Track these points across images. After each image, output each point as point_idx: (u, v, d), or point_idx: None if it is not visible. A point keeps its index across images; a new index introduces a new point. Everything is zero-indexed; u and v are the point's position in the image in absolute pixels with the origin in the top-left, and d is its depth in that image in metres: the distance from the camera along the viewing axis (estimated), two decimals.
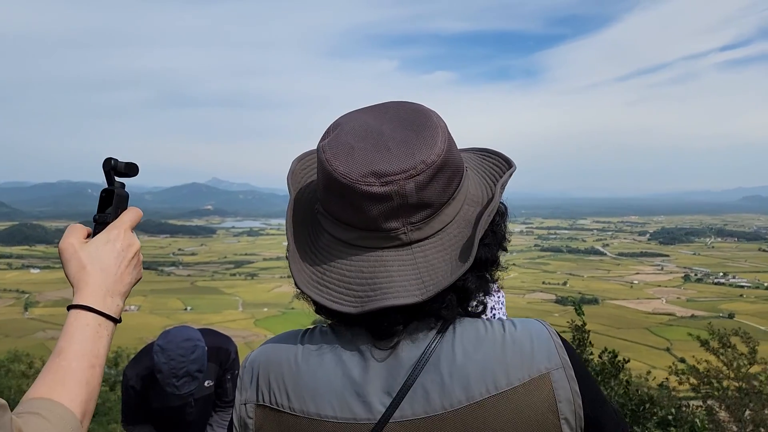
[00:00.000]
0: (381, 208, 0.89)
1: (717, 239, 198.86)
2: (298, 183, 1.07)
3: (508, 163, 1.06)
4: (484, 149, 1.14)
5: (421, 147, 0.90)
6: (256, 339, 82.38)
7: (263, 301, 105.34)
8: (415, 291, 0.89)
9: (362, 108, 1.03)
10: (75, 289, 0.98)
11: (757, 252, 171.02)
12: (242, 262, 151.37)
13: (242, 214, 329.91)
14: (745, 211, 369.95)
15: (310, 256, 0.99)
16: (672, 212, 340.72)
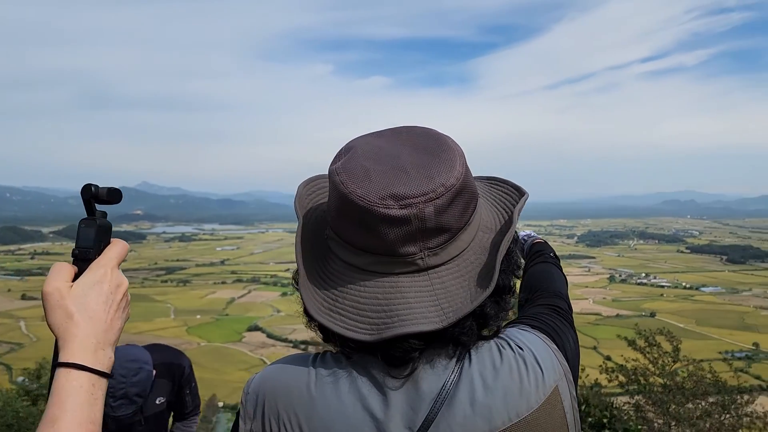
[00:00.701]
0: (399, 231, 0.87)
1: (639, 241, 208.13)
2: (304, 208, 1.05)
3: (518, 191, 1.06)
4: (492, 177, 1.13)
5: (440, 170, 0.89)
6: (189, 347, 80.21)
7: (196, 308, 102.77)
8: (434, 318, 0.87)
9: (373, 132, 1.01)
10: (61, 341, 0.88)
11: (676, 253, 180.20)
12: (174, 269, 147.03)
13: (174, 219, 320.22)
14: (665, 214, 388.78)
15: (321, 283, 0.96)
16: (598, 216, 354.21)
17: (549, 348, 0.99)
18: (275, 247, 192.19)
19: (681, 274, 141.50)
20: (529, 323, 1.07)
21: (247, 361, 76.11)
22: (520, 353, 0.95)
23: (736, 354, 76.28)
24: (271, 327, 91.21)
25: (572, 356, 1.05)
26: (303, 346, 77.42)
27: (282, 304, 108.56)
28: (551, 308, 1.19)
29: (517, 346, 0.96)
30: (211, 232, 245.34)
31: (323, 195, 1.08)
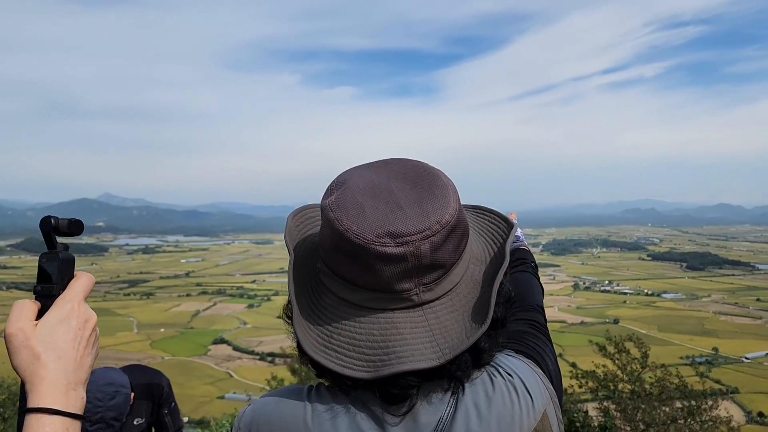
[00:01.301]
0: (395, 269, 0.88)
1: (602, 249, 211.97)
2: (294, 240, 1.04)
3: (506, 222, 1.08)
4: (478, 207, 1.14)
5: (435, 206, 0.90)
6: (153, 361, 78.53)
7: (160, 322, 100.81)
8: (430, 354, 0.87)
9: (363, 165, 1.01)
10: (29, 385, 0.82)
11: (638, 261, 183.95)
12: (137, 281, 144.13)
13: (137, 230, 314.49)
14: (627, 223, 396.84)
15: (314, 318, 0.95)
16: (562, 224, 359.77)
17: (535, 373, 1.01)
18: (241, 258, 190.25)
19: (643, 281, 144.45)
20: (515, 348, 1.09)
21: (212, 374, 74.87)
22: (510, 380, 0.96)
23: (696, 359, 78.10)
24: (237, 340, 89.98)
25: (555, 377, 1.09)
26: (270, 358, 76.63)
27: (248, 316, 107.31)
28: (531, 324, 1.22)
29: (506, 373, 0.98)
30: (176, 243, 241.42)
31: (312, 226, 1.08)
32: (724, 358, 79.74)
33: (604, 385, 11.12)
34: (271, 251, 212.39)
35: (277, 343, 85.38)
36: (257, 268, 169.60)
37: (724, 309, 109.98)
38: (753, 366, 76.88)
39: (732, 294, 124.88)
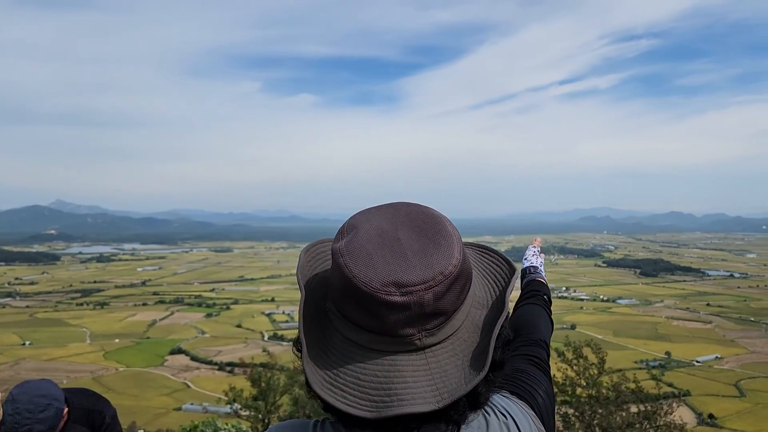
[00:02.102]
0: (399, 316, 0.92)
1: (560, 256, 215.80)
2: (305, 276, 1.08)
3: (508, 265, 1.12)
4: (481, 246, 1.19)
5: (439, 258, 0.94)
6: (107, 373, 76.60)
7: (115, 332, 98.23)
8: (430, 399, 0.91)
9: (372, 208, 1.06)
10: None
11: (594, 267, 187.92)
12: (91, 291, 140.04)
13: (91, 238, 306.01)
14: (583, 230, 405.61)
15: (322, 356, 0.99)
16: (521, 232, 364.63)
17: (527, 414, 1.08)
18: (200, 266, 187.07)
19: (599, 287, 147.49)
20: (509, 389, 1.15)
21: (169, 385, 73.22)
22: (504, 422, 1.03)
23: (650, 363, 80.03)
24: (196, 349, 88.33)
25: (546, 415, 1.17)
26: (229, 368, 75.34)
27: (207, 325, 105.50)
28: (531, 360, 1.29)
29: (501, 413, 1.05)
30: (132, 252, 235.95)
31: (322, 261, 1.12)
32: (676, 362, 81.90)
33: (563, 390, 11.26)
34: (230, 259, 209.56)
35: (236, 353, 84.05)
36: (216, 276, 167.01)
37: (676, 314, 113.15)
38: (703, 369, 79.16)
39: (683, 299, 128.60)
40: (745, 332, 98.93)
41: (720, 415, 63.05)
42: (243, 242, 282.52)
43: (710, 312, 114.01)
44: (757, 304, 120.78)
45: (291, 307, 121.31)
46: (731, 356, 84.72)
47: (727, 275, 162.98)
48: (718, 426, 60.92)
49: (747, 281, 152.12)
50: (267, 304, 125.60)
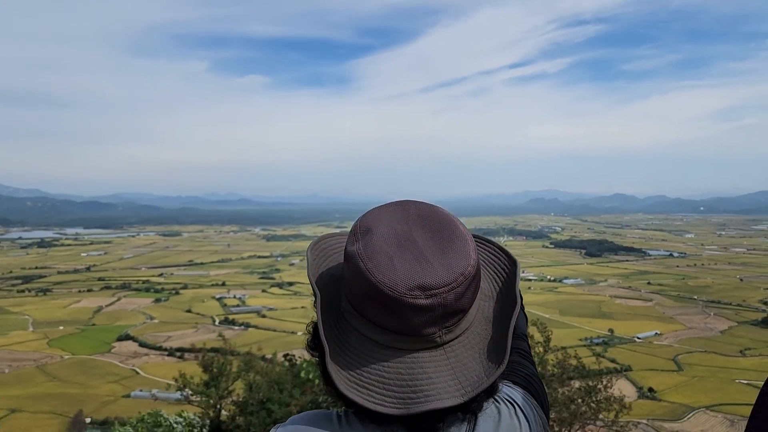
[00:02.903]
0: (423, 317, 0.95)
1: (509, 238, 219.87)
2: (315, 275, 1.09)
3: (508, 257, 1.17)
4: (480, 237, 1.23)
5: (459, 259, 0.98)
6: (51, 361, 74.57)
7: (58, 319, 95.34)
8: (455, 393, 0.96)
9: (381, 207, 1.09)
10: None
11: (542, 248, 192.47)
12: (32, 277, 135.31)
13: (31, 223, 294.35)
14: (532, 212, 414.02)
15: (343, 356, 1.00)
16: (472, 214, 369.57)
17: (530, 403, 1.15)
18: (147, 251, 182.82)
19: (546, 267, 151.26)
20: (511, 379, 1.22)
21: (117, 372, 71.78)
22: (512, 409, 1.10)
23: (594, 340, 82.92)
24: (144, 335, 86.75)
25: (545, 403, 1.24)
26: (179, 354, 74.43)
27: (155, 310, 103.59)
28: (520, 353, 1.37)
29: (508, 402, 1.11)
30: (75, 236, 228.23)
31: (327, 257, 1.14)
32: (618, 339, 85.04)
33: None
34: (179, 243, 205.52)
35: (186, 338, 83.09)
36: (164, 261, 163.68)
37: (619, 293, 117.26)
38: (644, 345, 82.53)
39: (626, 278, 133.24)
40: (683, 309, 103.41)
41: (659, 388, 65.95)
42: (192, 226, 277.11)
43: (651, 290, 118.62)
44: (695, 282, 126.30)
45: (242, 291, 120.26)
46: (670, 332, 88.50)
47: (667, 255, 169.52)
48: (657, 399, 63.69)
49: (685, 260, 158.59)
50: (217, 288, 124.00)
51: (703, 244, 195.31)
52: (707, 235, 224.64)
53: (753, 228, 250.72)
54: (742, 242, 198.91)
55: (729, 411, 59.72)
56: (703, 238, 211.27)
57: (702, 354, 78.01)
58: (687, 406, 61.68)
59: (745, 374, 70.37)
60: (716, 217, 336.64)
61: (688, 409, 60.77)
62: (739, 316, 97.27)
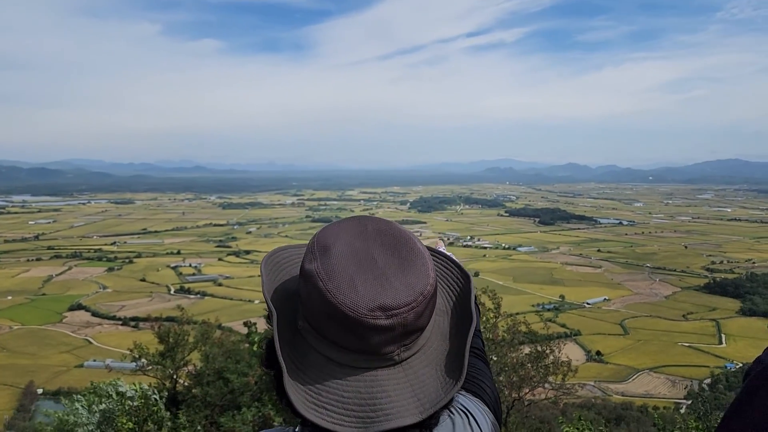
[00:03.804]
0: (383, 337, 0.96)
1: (465, 206, 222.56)
2: (270, 292, 1.08)
3: (459, 269, 1.19)
4: (432, 250, 1.23)
5: (418, 278, 0.99)
6: (0, 331, 72.68)
7: (6, 289, 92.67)
8: (414, 410, 0.96)
9: (338, 224, 1.09)
10: None
11: (497, 217, 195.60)
12: None
13: None
14: (487, 181, 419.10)
15: (301, 376, 0.99)
16: (428, 183, 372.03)
17: (482, 411, 1.18)
18: (99, 219, 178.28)
19: (501, 235, 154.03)
20: (465, 387, 1.23)
21: (69, 342, 70.58)
22: (466, 420, 1.12)
23: (546, 306, 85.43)
24: (96, 305, 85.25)
25: (496, 407, 1.26)
26: (133, 323, 73.56)
27: (108, 280, 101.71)
28: (474, 353, 1.36)
29: (462, 412, 1.13)
30: (22, 204, 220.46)
31: (280, 271, 1.14)
32: (569, 304, 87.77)
33: None
34: (132, 211, 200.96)
35: (140, 307, 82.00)
36: (117, 229, 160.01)
37: (570, 260, 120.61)
38: (593, 310, 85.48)
39: (577, 246, 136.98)
40: (630, 275, 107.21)
41: (606, 351, 68.63)
42: (145, 194, 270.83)
43: (600, 257, 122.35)
44: (642, 249, 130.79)
45: (197, 260, 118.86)
46: (618, 298, 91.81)
47: (617, 223, 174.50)
48: (604, 362, 66.32)
49: (634, 228, 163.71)
50: (172, 257, 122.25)
51: (651, 212, 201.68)
52: (655, 204, 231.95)
53: (698, 197, 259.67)
54: (687, 211, 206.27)
55: (671, 372, 62.72)
56: (651, 207, 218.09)
57: (647, 318, 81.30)
58: (632, 368, 64.46)
59: (686, 337, 73.78)
60: (664, 187, 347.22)
61: (632, 371, 63.54)
62: (682, 282, 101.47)
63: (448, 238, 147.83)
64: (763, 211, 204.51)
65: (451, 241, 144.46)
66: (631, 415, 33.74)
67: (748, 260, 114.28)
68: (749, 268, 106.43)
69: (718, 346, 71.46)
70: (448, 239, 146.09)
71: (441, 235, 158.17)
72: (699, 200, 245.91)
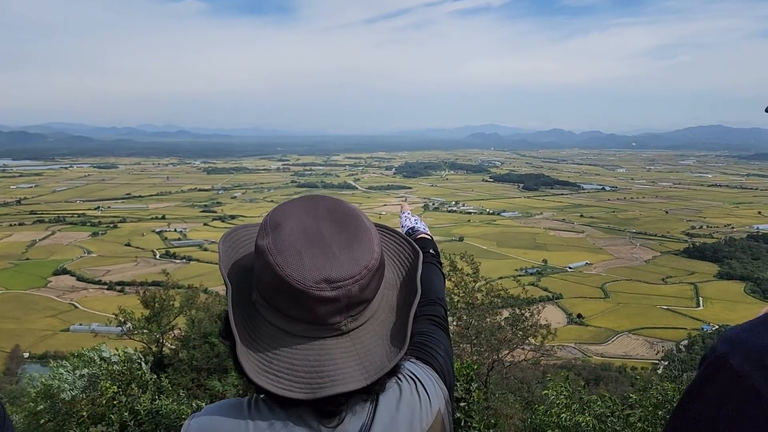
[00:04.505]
0: (329, 308, 1.01)
1: (450, 172, 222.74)
2: (227, 267, 1.13)
3: (410, 245, 1.24)
4: (385, 227, 1.29)
5: (363, 253, 1.04)
6: None
7: None
8: (359, 377, 1.02)
9: (290, 202, 1.13)
10: None
11: (481, 182, 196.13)
12: None
13: None
14: (472, 146, 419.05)
15: (253, 345, 1.05)
16: (413, 148, 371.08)
17: (431, 377, 1.22)
18: (82, 184, 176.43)
19: (485, 201, 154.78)
20: (415, 355, 1.29)
21: (54, 307, 70.64)
22: (413, 386, 1.17)
23: (529, 270, 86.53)
24: (81, 269, 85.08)
25: (448, 375, 1.31)
26: (118, 287, 73.61)
27: (93, 244, 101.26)
28: (431, 320, 1.43)
29: (410, 378, 1.18)
30: (3, 168, 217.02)
31: (238, 248, 1.19)
32: (551, 269, 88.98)
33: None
34: (115, 176, 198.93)
35: (125, 272, 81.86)
36: (101, 194, 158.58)
37: (553, 225, 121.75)
38: (574, 274, 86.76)
39: (560, 211, 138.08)
40: (612, 240, 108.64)
41: (587, 314, 70.00)
42: (128, 158, 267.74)
43: (583, 223, 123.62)
44: (624, 214, 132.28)
45: (182, 225, 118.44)
46: (599, 262, 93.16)
47: (600, 188, 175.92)
48: (584, 324, 67.67)
49: (616, 194, 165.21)
50: (157, 221, 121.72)
51: (633, 178, 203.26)
52: (637, 170, 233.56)
53: (680, 163, 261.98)
54: (669, 176, 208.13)
55: (649, 334, 64.19)
56: (634, 173, 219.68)
57: (627, 282, 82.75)
58: (611, 330, 65.88)
59: (665, 300, 75.34)
60: (647, 153, 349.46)
61: (612, 333, 64.97)
62: (662, 247, 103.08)
63: (433, 203, 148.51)
64: (743, 177, 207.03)
65: (436, 206, 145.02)
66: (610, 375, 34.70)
67: (727, 225, 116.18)
68: (728, 233, 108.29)
69: (696, 308, 73.11)
70: (434, 204, 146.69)
71: (406, 197, 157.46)
72: (681, 166, 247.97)
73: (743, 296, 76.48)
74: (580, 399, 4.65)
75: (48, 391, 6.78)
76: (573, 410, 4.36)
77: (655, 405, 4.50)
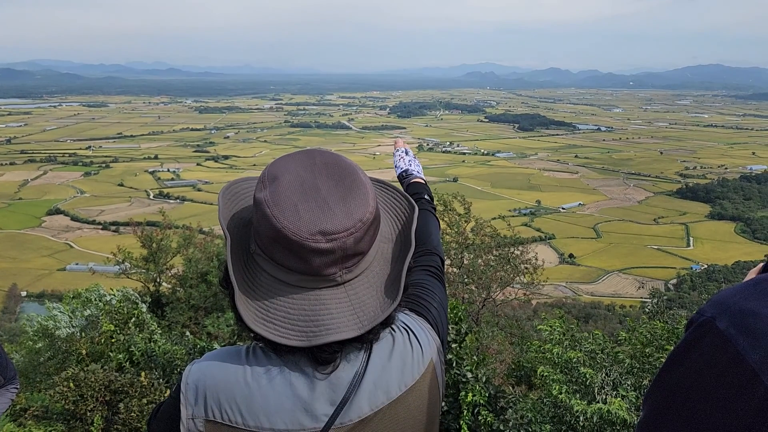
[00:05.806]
0: (324, 259, 1.03)
1: (445, 112, 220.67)
2: (226, 219, 1.16)
3: (406, 200, 1.27)
4: (381, 182, 1.32)
5: (358, 206, 1.06)
6: None
7: None
8: (353, 326, 1.05)
9: (288, 156, 1.16)
10: None
11: (476, 123, 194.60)
12: None
13: None
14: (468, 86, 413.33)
15: (251, 293, 1.08)
16: (408, 87, 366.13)
17: (424, 329, 1.24)
18: (72, 123, 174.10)
19: (480, 141, 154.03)
20: (409, 306, 1.31)
21: (50, 246, 71.02)
22: (406, 336, 1.20)
23: (522, 211, 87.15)
24: (75, 209, 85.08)
25: (441, 326, 1.33)
26: (113, 227, 73.86)
27: (85, 184, 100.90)
28: (427, 270, 1.45)
29: (403, 329, 1.21)
30: None
31: (238, 201, 1.22)
32: (545, 209, 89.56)
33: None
34: (105, 115, 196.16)
35: (120, 212, 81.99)
36: (91, 133, 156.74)
37: (548, 166, 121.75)
38: (567, 215, 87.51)
39: (555, 152, 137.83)
40: (605, 181, 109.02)
41: (578, 254, 71.02)
42: (118, 96, 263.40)
43: (578, 163, 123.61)
44: (619, 155, 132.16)
45: (175, 165, 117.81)
46: (592, 203, 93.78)
47: (595, 129, 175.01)
48: (576, 264, 68.76)
49: (611, 134, 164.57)
50: (150, 161, 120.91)
51: (630, 118, 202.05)
52: (634, 110, 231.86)
53: (677, 103, 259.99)
54: (665, 117, 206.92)
55: (639, 273, 65.38)
56: (630, 113, 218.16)
57: (619, 222, 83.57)
58: (602, 269, 67.03)
59: (656, 240, 76.35)
60: (644, 92, 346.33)
61: (603, 273, 66.13)
62: (656, 187, 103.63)
63: (428, 144, 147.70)
64: (739, 117, 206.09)
65: (431, 146, 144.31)
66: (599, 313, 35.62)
67: (721, 166, 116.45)
68: (721, 173, 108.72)
69: (687, 248, 74.18)
70: (428, 145, 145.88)
71: (400, 136, 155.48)
72: (677, 106, 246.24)
73: (733, 236, 77.55)
74: (572, 336, 4.78)
75: (45, 330, 6.93)
76: (565, 346, 4.49)
77: (643, 343, 4.64)
